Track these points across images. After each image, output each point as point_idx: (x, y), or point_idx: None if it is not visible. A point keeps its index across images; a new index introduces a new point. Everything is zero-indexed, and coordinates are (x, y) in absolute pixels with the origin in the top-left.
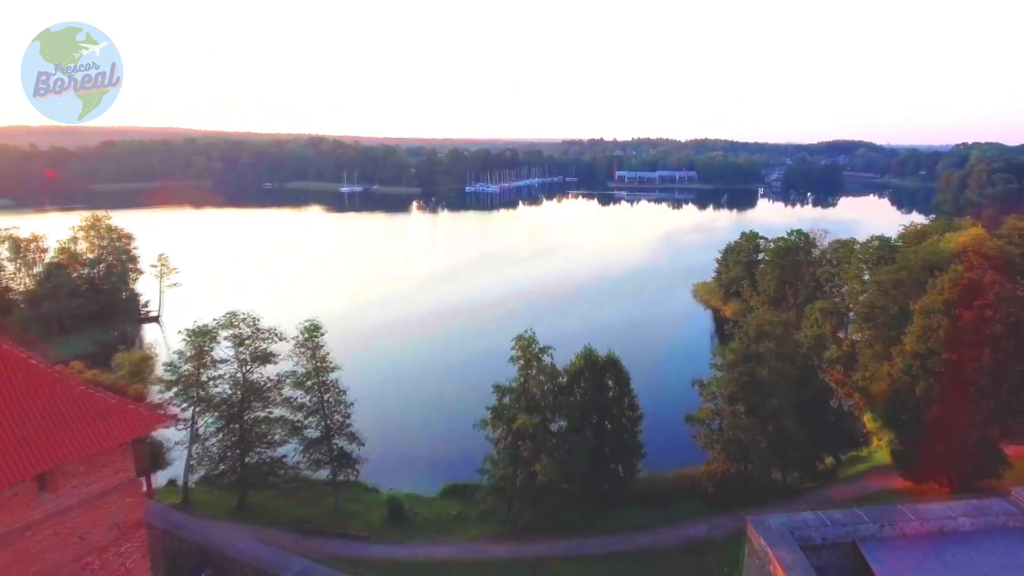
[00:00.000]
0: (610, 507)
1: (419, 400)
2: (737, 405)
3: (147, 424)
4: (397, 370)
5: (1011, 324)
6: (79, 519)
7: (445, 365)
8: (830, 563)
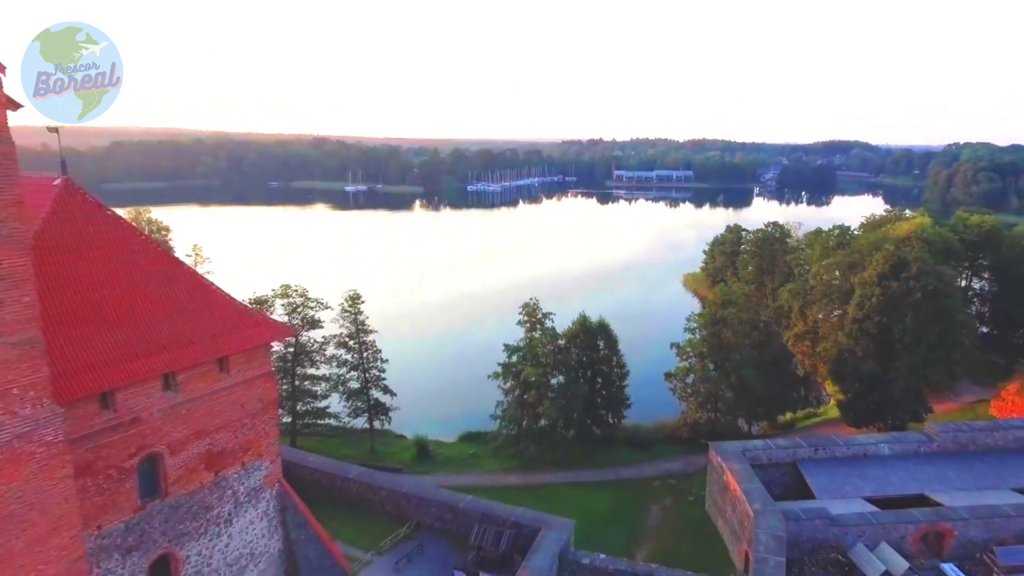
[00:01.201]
0: (601, 448)
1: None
2: (706, 361)
3: (282, 332)
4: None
5: (929, 292)
6: (240, 393)
7: (461, 334)
8: (774, 478)
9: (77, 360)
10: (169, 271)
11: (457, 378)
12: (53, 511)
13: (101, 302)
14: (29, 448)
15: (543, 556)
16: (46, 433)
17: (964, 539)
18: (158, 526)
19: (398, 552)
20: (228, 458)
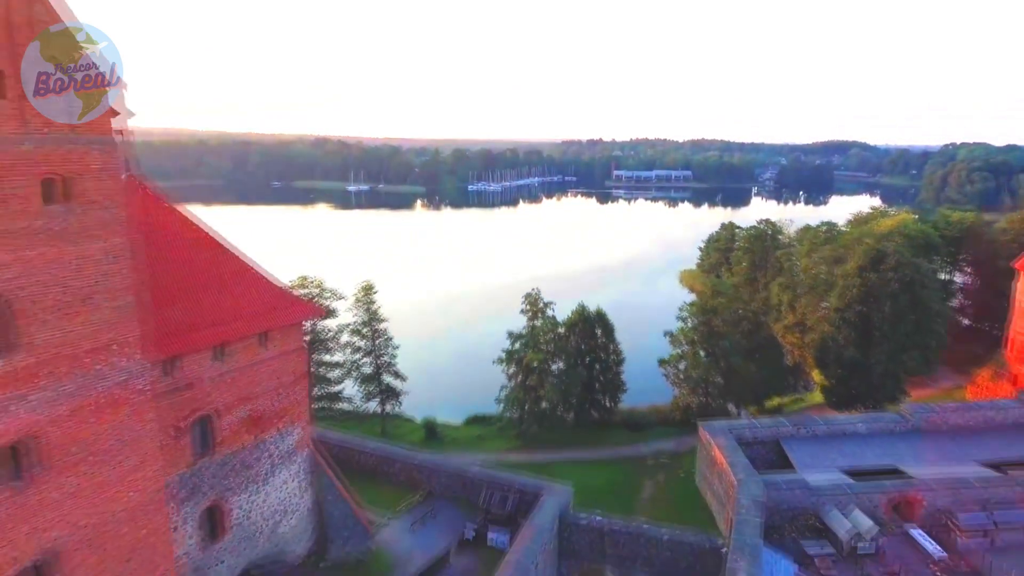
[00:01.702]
0: (599, 430)
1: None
2: (697, 348)
3: (313, 312)
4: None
5: (906, 283)
6: (277, 365)
7: (466, 324)
8: (759, 455)
9: (146, 330)
10: (217, 256)
11: (463, 365)
12: (141, 449)
13: (162, 281)
14: (124, 394)
15: (544, 515)
16: (137, 383)
17: (931, 507)
18: (207, 480)
19: (412, 515)
20: (266, 422)
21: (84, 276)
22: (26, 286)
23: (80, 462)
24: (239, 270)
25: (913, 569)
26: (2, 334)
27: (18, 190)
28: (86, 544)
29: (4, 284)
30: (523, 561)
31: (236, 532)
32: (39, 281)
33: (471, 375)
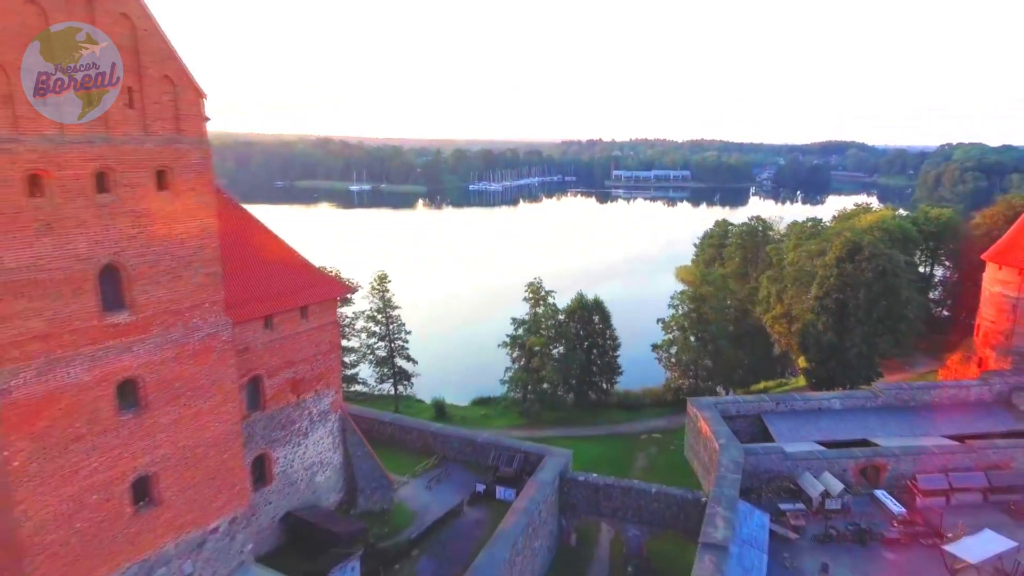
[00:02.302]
0: (596, 410)
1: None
2: (687, 334)
3: (345, 290)
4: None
5: (879, 272)
6: (314, 336)
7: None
8: (742, 428)
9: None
10: (265, 240)
11: (467, 352)
12: (224, 388)
13: (224, 261)
14: (213, 343)
15: (547, 473)
16: (222, 335)
17: (896, 472)
18: (259, 432)
19: (428, 476)
20: (306, 385)
21: (186, 248)
22: (145, 254)
23: (181, 396)
24: (282, 252)
25: (875, 523)
26: (127, 292)
27: (142, 180)
28: (183, 462)
29: (129, 253)
30: (528, 508)
31: (281, 479)
32: (155, 251)
33: (475, 361)
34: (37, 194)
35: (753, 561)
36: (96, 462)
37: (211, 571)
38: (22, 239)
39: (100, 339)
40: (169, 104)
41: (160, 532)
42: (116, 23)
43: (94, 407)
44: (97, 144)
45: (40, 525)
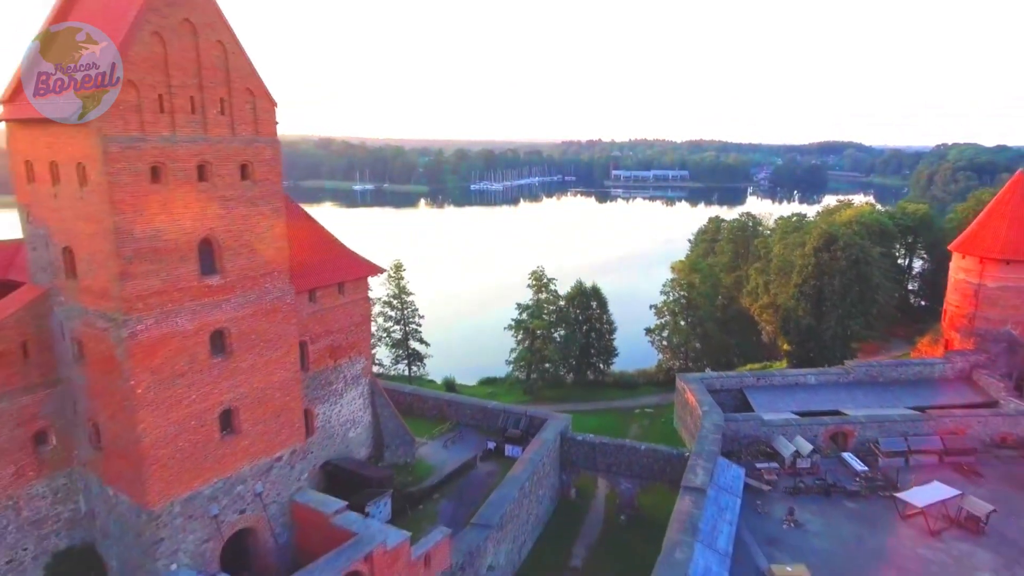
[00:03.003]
0: (594, 388)
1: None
2: (677, 318)
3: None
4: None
5: (852, 260)
6: (349, 309)
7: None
8: (725, 400)
9: None
10: (308, 226)
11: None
12: (287, 342)
13: None
14: (280, 305)
15: (550, 433)
16: (287, 297)
17: (862, 437)
18: (304, 389)
19: (444, 438)
20: (342, 352)
21: (261, 226)
22: (232, 231)
23: (256, 346)
24: (322, 236)
25: (840, 479)
26: (218, 260)
27: (230, 171)
28: (257, 400)
29: (220, 229)
30: (533, 459)
31: (320, 432)
32: (239, 228)
33: (481, 344)
34: (157, 181)
35: (727, 503)
36: (194, 395)
37: (276, 492)
38: (147, 216)
39: (199, 296)
40: (250, 111)
41: (239, 457)
42: (213, 48)
43: (194, 350)
44: (199, 143)
45: (155, 441)
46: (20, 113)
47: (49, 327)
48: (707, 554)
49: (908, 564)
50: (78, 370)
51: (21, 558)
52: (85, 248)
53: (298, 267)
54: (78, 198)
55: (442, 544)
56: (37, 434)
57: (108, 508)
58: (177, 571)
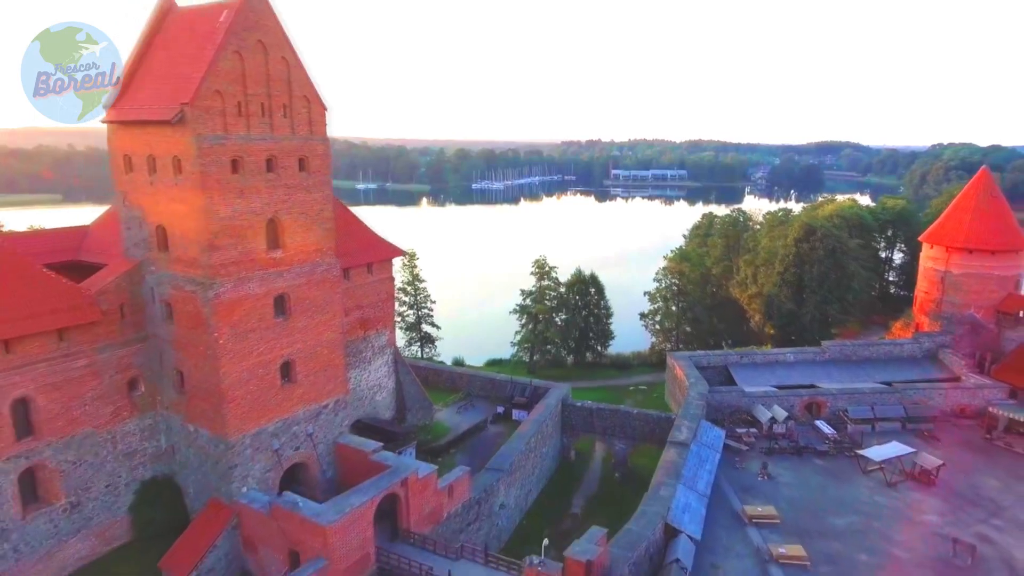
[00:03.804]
0: (592, 369)
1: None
2: (669, 304)
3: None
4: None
5: (829, 250)
6: (376, 287)
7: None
8: (711, 376)
9: None
10: (342, 214)
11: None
12: (332, 309)
13: None
14: (328, 276)
15: (552, 398)
16: (334, 271)
17: (834, 407)
18: None
19: (457, 405)
20: (370, 325)
21: (314, 210)
22: (292, 213)
23: (308, 310)
24: (354, 222)
25: (812, 442)
26: (280, 237)
27: (291, 164)
28: (309, 355)
29: (282, 211)
30: (538, 419)
31: (352, 394)
32: (297, 211)
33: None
34: (235, 172)
35: (708, 456)
36: (262, 347)
37: (323, 434)
38: (229, 199)
39: (266, 267)
40: (306, 115)
41: (294, 402)
42: (279, 63)
43: (262, 311)
44: (267, 140)
45: (232, 383)
46: (124, 116)
47: (141, 292)
48: (688, 493)
49: (866, 509)
50: (166, 327)
51: (116, 484)
52: (177, 226)
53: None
54: (172, 185)
55: (463, 479)
56: (130, 381)
57: (188, 442)
58: (248, 492)
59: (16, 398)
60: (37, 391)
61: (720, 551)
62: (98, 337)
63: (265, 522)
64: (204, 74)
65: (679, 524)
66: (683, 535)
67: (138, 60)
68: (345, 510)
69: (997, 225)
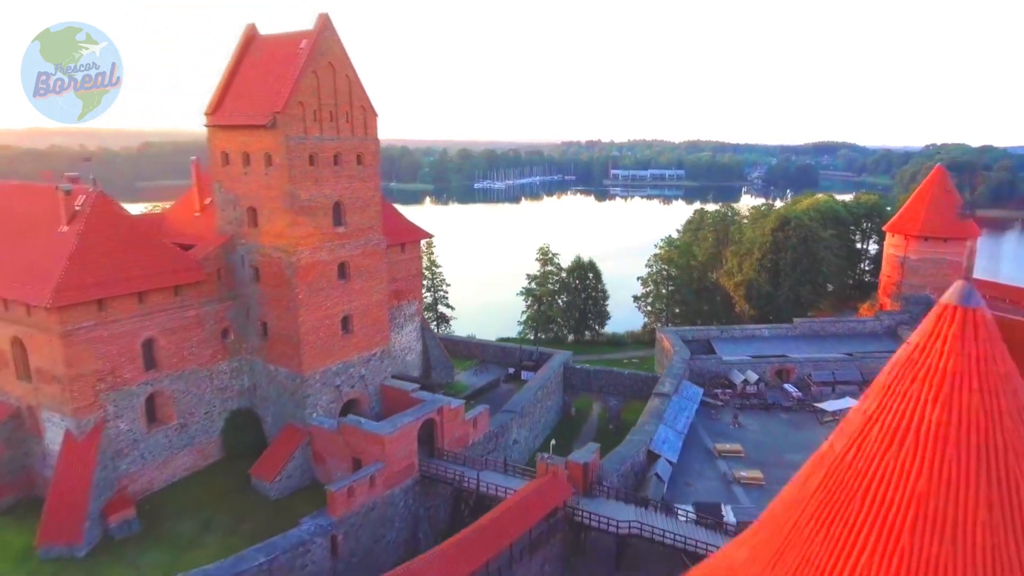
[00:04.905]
0: (590, 346)
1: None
2: (659, 287)
3: (424, 234)
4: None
5: (802, 238)
6: (407, 263)
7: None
8: (695, 348)
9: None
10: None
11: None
12: (380, 275)
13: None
14: (377, 249)
15: (555, 361)
16: (382, 244)
17: (800, 373)
18: None
19: (473, 370)
20: (402, 295)
21: (367, 195)
22: (352, 198)
23: (363, 276)
24: (388, 208)
25: (779, 400)
26: (343, 216)
27: (351, 159)
28: (362, 312)
29: (345, 195)
30: (543, 376)
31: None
32: (355, 196)
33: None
34: (312, 164)
35: (686, 406)
36: (329, 303)
37: (372, 377)
38: (307, 186)
39: (332, 239)
40: (362, 120)
41: (351, 350)
42: (343, 80)
43: (329, 275)
44: (335, 140)
45: (307, 330)
46: (224, 121)
47: (232, 260)
48: (667, 430)
49: (819, 447)
50: (254, 287)
51: (212, 411)
52: (267, 207)
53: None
54: (263, 175)
55: (484, 414)
56: (223, 330)
57: (269, 379)
58: (317, 417)
59: (145, 338)
60: (160, 334)
61: (693, 475)
62: (202, 294)
63: (333, 438)
64: (291, 89)
65: (659, 450)
66: (662, 458)
67: (231, 77)
68: (398, 425)
69: (950, 216)
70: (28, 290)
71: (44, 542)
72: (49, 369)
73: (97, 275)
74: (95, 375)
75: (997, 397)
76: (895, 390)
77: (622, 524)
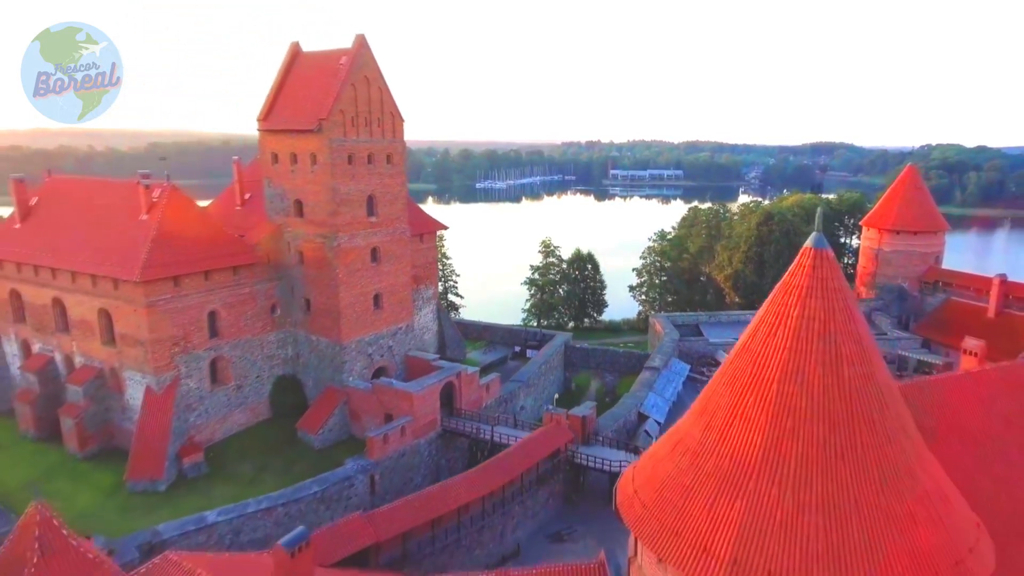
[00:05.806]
0: (589, 332)
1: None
2: (653, 277)
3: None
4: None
5: (784, 232)
6: (424, 252)
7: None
8: (686, 333)
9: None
10: None
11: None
12: (406, 260)
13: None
14: (403, 237)
15: (557, 341)
16: (407, 233)
17: None
18: None
19: (483, 349)
20: (421, 280)
21: (395, 190)
22: (383, 192)
23: (391, 259)
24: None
25: None
26: (375, 207)
27: (382, 159)
28: (391, 291)
29: (377, 190)
30: (547, 352)
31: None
32: (385, 191)
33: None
34: (350, 164)
35: (674, 379)
36: (363, 282)
37: (398, 348)
38: (346, 182)
39: (366, 228)
40: (391, 125)
41: (381, 323)
42: (375, 91)
43: (363, 258)
44: (369, 142)
45: (345, 305)
46: (274, 126)
47: (279, 244)
48: (656, 398)
49: None
50: (299, 268)
51: (262, 376)
52: (311, 199)
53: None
54: (309, 172)
55: (495, 381)
56: (271, 306)
57: (311, 348)
58: (354, 380)
59: (210, 310)
60: (221, 307)
61: None
62: (255, 274)
63: (367, 398)
64: (334, 99)
65: (649, 412)
66: (651, 418)
67: (279, 88)
68: (424, 385)
69: (920, 211)
70: (117, 268)
71: (132, 477)
72: (133, 334)
73: (173, 256)
74: (171, 340)
75: (833, 301)
76: (775, 300)
77: (615, 463)
